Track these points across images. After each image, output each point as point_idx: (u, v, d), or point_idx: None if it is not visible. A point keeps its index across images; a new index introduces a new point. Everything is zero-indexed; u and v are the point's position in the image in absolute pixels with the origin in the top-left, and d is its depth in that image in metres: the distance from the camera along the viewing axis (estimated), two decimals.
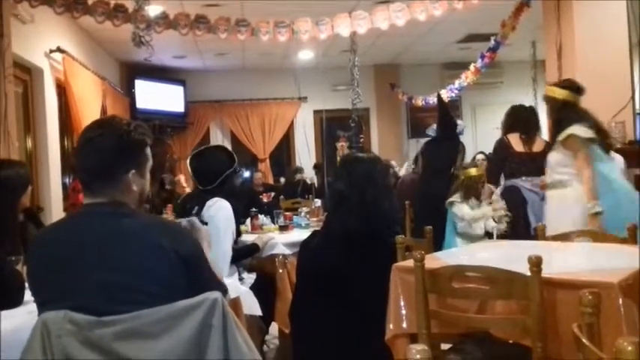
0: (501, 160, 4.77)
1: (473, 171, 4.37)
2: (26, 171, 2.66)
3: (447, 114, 5.68)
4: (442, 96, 7.18)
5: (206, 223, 3.12)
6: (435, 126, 5.71)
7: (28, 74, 5.35)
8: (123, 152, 1.60)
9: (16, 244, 2.37)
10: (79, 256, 1.53)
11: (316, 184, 8.31)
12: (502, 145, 4.74)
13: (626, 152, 4.27)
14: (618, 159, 4.22)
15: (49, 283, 1.56)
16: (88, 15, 4.60)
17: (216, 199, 3.21)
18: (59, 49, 5.65)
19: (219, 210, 3.18)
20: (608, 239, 2.77)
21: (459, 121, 5.71)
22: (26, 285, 2.12)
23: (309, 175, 8.64)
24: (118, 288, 1.50)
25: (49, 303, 1.52)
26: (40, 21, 5.17)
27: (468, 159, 6.20)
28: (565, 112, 3.44)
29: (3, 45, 4.19)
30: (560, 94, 3.47)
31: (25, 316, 1.87)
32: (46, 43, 5.53)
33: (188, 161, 3.48)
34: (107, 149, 1.57)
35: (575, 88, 3.48)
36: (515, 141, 4.72)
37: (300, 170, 8.47)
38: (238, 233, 3.50)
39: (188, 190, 5.99)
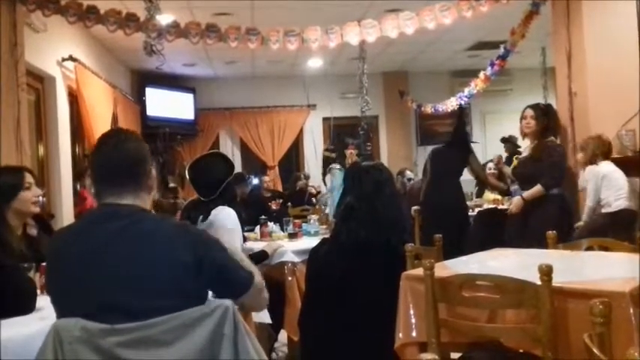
0: None
1: None
2: (17, 177, 2.55)
3: (463, 124, 5.83)
4: (453, 104, 7.20)
5: None
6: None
7: (40, 82, 5.40)
8: (144, 153, 1.71)
9: (11, 249, 2.36)
10: (95, 261, 1.53)
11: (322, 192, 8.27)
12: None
13: (635, 161, 4.23)
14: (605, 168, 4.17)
15: (67, 288, 1.57)
16: (100, 24, 4.65)
17: (220, 207, 3.22)
18: (71, 58, 5.71)
19: (225, 218, 3.19)
20: (619, 248, 2.76)
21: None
22: (38, 292, 2.14)
23: (317, 182, 8.59)
24: (136, 293, 1.51)
25: (65, 305, 1.54)
26: (52, 30, 5.22)
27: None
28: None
29: (16, 54, 4.24)
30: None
31: (37, 322, 1.89)
32: (59, 51, 5.59)
33: (187, 171, 3.46)
34: (133, 151, 1.67)
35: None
36: None
37: (300, 177, 8.38)
38: (243, 238, 3.50)
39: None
